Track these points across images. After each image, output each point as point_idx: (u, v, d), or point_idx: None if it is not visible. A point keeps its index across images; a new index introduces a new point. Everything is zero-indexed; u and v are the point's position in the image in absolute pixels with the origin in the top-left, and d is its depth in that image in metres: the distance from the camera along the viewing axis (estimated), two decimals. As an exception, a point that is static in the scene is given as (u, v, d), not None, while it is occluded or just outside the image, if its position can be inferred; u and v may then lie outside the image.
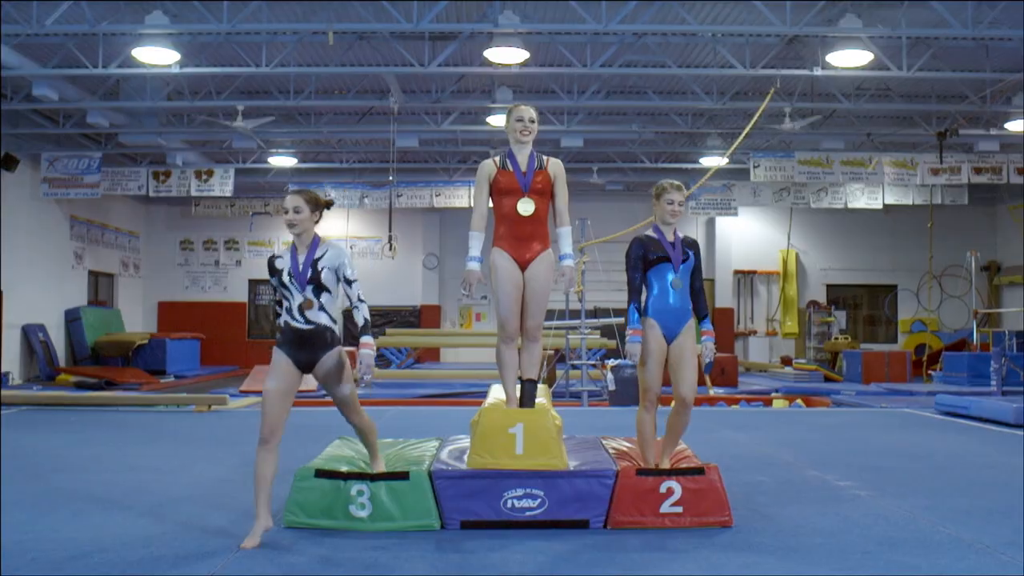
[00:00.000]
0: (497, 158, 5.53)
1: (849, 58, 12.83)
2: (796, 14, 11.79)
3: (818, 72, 13.34)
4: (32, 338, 18.59)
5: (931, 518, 5.32)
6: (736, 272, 24.76)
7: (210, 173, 19.44)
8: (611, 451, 5.74)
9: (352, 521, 4.98)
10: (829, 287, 25.10)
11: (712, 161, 18.86)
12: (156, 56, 12.46)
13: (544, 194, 5.44)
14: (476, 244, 5.46)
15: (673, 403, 5.43)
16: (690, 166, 20.51)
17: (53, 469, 6.82)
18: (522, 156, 5.47)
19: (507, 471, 5.06)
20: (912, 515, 5.40)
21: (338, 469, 5.08)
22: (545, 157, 5.56)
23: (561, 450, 5.18)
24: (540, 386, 5.65)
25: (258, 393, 14.99)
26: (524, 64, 13.19)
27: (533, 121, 5.51)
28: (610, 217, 20.73)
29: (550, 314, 6.27)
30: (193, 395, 12.01)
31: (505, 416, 5.19)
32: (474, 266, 5.41)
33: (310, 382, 15.73)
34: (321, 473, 5.04)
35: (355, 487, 4.99)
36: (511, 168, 5.44)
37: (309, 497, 5.01)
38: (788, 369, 20.62)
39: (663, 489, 5.10)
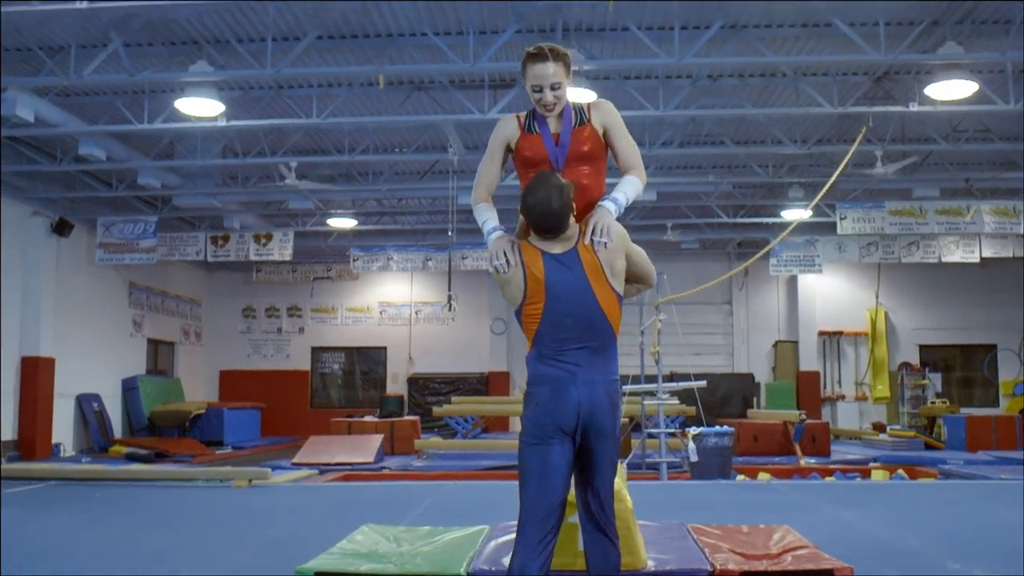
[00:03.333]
0: (523, 115, 3.89)
1: (950, 89, 11.59)
2: (891, 43, 10.66)
3: (914, 108, 12.14)
4: (86, 408, 18.03)
5: None
6: (821, 333, 23.27)
7: (269, 237, 18.86)
8: (701, 542, 4.56)
9: (368, 638, 3.88)
10: (922, 347, 23.37)
11: (794, 214, 17.62)
12: (201, 107, 11.84)
13: (593, 158, 3.80)
14: (488, 214, 3.89)
15: None
16: (770, 220, 19.32)
17: (40, 556, 5.85)
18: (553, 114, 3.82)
19: (567, 573, 3.90)
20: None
21: (348, 571, 3.95)
22: (586, 105, 3.86)
23: (637, 543, 4.04)
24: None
25: (312, 466, 14.08)
26: (591, 107, 12.25)
27: (556, 87, 3.68)
28: (684, 275, 19.47)
29: (624, 379, 4.85)
30: (234, 468, 11.07)
31: (565, 499, 4.05)
32: (498, 234, 3.77)
33: (367, 454, 14.94)
34: (324, 576, 3.94)
35: (371, 593, 3.89)
36: (538, 131, 3.81)
37: (313, 606, 3.92)
38: (883, 436, 18.91)
39: (773, 596, 3.92)
